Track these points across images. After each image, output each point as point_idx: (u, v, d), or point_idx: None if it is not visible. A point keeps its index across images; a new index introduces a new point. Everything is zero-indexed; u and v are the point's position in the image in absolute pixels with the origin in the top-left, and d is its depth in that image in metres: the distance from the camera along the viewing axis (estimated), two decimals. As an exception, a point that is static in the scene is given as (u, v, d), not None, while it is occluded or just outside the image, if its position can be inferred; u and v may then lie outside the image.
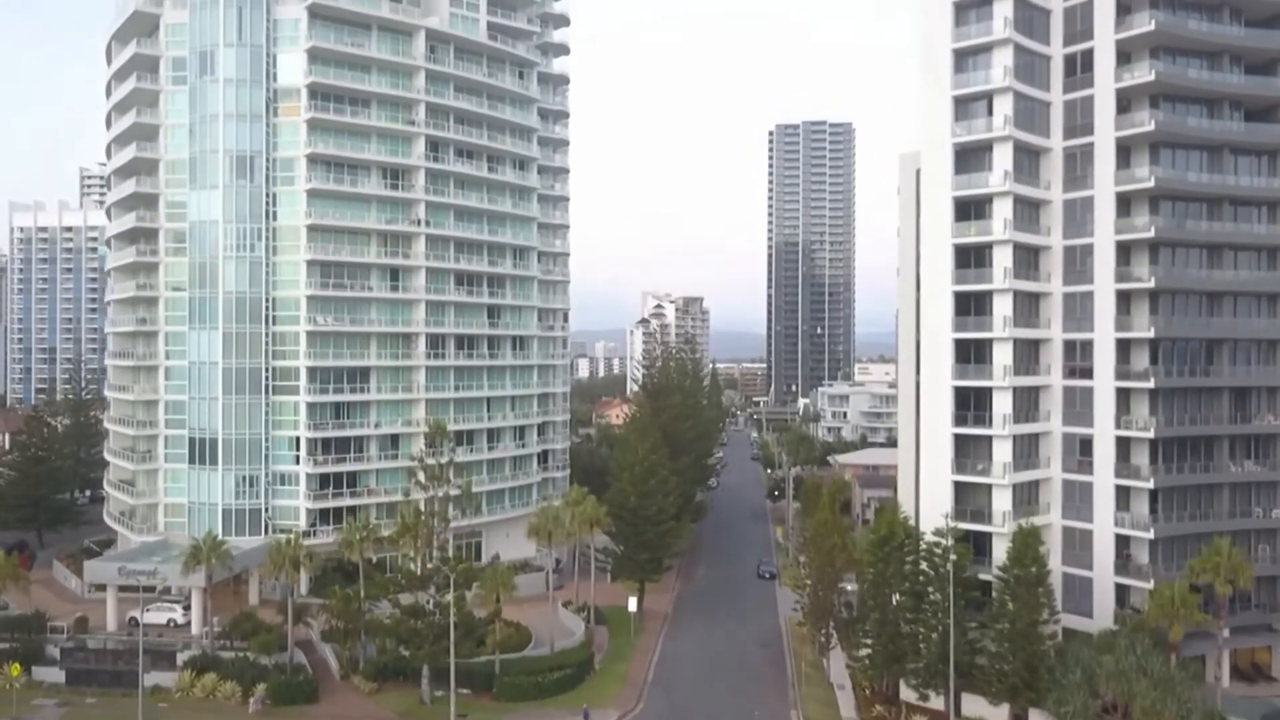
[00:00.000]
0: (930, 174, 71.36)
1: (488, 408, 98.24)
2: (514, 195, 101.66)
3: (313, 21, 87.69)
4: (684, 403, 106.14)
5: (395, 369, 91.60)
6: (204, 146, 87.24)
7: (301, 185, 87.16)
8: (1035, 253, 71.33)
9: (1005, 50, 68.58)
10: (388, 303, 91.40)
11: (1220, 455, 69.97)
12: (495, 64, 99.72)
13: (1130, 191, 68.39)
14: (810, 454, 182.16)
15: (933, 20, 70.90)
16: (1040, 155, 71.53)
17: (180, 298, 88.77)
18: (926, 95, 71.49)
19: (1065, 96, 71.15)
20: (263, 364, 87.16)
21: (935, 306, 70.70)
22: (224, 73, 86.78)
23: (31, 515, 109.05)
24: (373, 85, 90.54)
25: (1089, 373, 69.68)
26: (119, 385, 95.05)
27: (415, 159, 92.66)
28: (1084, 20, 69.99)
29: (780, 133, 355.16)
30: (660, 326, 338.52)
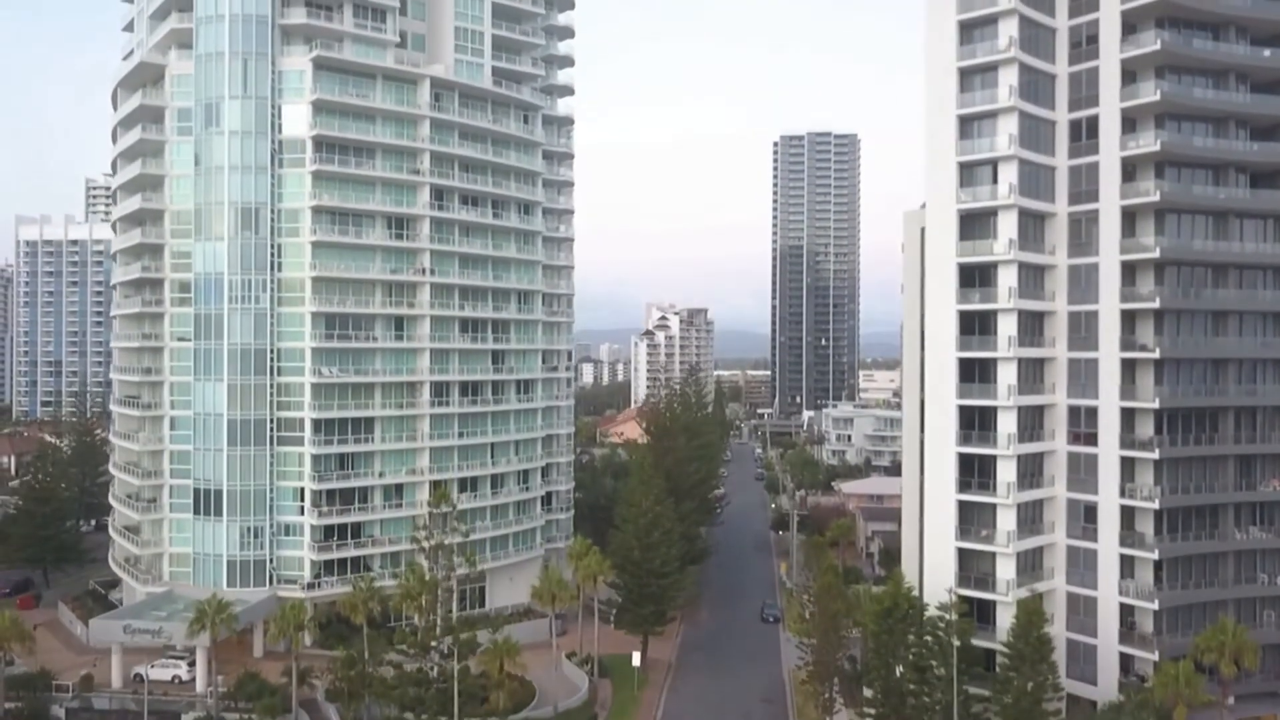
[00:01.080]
0: (935, 240, 71.33)
1: (492, 453, 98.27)
2: (518, 240, 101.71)
3: (317, 73, 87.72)
4: (688, 445, 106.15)
5: (399, 418, 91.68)
6: (209, 198, 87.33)
7: (306, 237, 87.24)
8: (1040, 318, 71.26)
9: (1010, 117, 68.59)
10: (392, 352, 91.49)
11: (1225, 523, 69.93)
12: (500, 109, 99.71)
13: (1136, 260, 68.30)
14: (814, 478, 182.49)
15: (937, 82, 70.85)
16: (1045, 220, 71.47)
17: (185, 348, 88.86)
18: (931, 159, 71.51)
19: (1071, 162, 71.14)
20: (267, 415, 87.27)
21: (940, 371, 70.67)
22: (229, 125, 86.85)
23: (37, 555, 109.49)
24: (378, 135, 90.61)
25: (1093, 439, 69.66)
26: (123, 433, 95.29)
27: (420, 208, 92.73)
28: (1089, 87, 69.98)
29: (785, 144, 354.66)
30: (665, 338, 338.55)
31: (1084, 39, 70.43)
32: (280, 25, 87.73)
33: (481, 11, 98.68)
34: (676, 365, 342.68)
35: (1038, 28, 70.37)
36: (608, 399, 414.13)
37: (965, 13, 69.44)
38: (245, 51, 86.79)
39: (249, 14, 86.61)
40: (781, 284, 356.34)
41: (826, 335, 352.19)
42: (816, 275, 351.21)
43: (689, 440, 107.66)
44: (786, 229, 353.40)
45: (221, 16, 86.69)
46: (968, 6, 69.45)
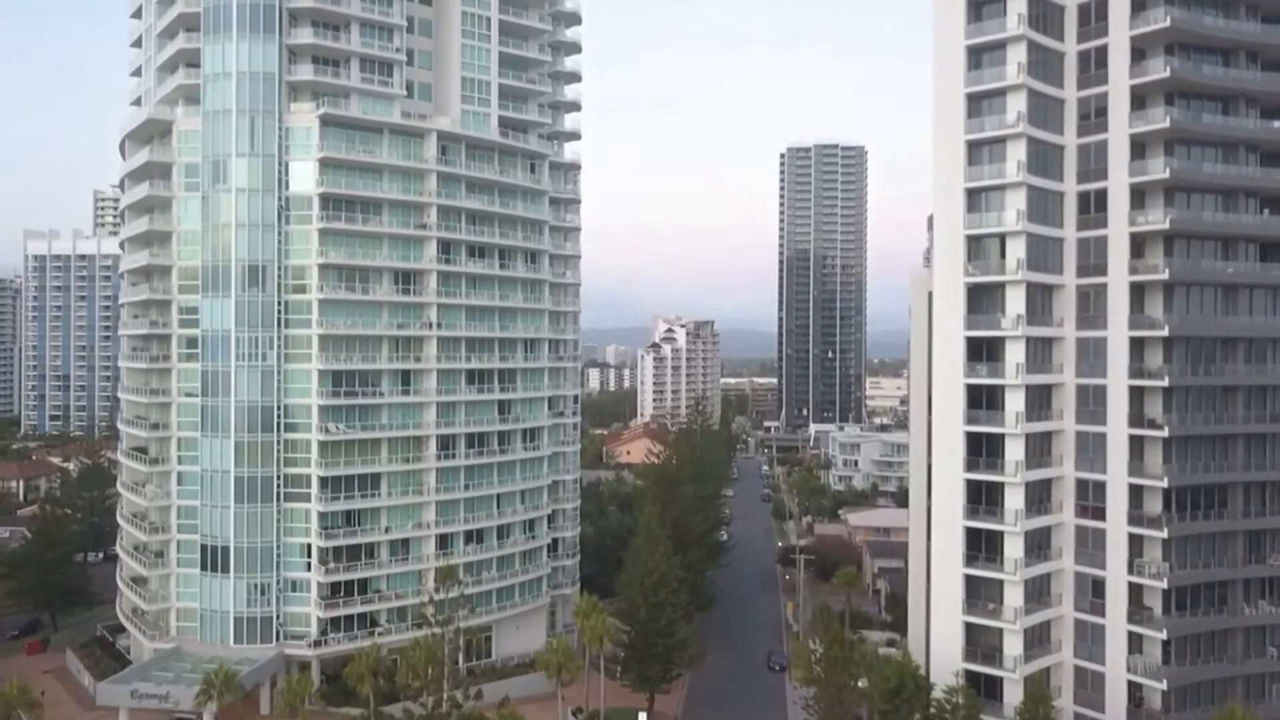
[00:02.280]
0: (942, 312, 71.10)
1: (498, 504, 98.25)
2: (525, 289, 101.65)
3: (324, 130, 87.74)
4: (694, 494, 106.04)
5: (406, 473, 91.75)
6: (216, 255, 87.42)
7: (314, 294, 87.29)
8: (1048, 390, 71.01)
9: (1019, 193, 68.31)
10: (399, 407, 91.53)
11: (1234, 598, 69.69)
12: (507, 158, 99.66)
13: (1145, 336, 68.06)
14: (820, 505, 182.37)
15: (945, 157, 70.59)
16: (1053, 292, 71.22)
17: (193, 404, 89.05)
18: (940, 233, 71.30)
19: (1079, 234, 70.87)
20: (274, 472, 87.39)
21: (947, 443, 70.46)
22: (236, 182, 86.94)
23: (45, 599, 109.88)
24: (384, 190, 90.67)
25: (1101, 514, 69.45)
26: (131, 484, 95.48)
27: (427, 262, 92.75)
28: (1098, 160, 69.75)
29: (791, 155, 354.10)
30: (672, 351, 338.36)
31: (1092, 111, 70.14)
32: (287, 81, 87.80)
33: (488, 62, 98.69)
34: (683, 378, 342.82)
35: (1045, 99, 70.02)
36: (614, 407, 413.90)
37: (973, 85, 69.25)
38: (253, 109, 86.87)
39: (256, 71, 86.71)
40: (788, 296, 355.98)
41: (833, 347, 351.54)
42: (823, 287, 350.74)
43: (695, 489, 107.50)
44: (793, 240, 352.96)
45: (229, 74, 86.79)
46: (975, 81, 69.19)
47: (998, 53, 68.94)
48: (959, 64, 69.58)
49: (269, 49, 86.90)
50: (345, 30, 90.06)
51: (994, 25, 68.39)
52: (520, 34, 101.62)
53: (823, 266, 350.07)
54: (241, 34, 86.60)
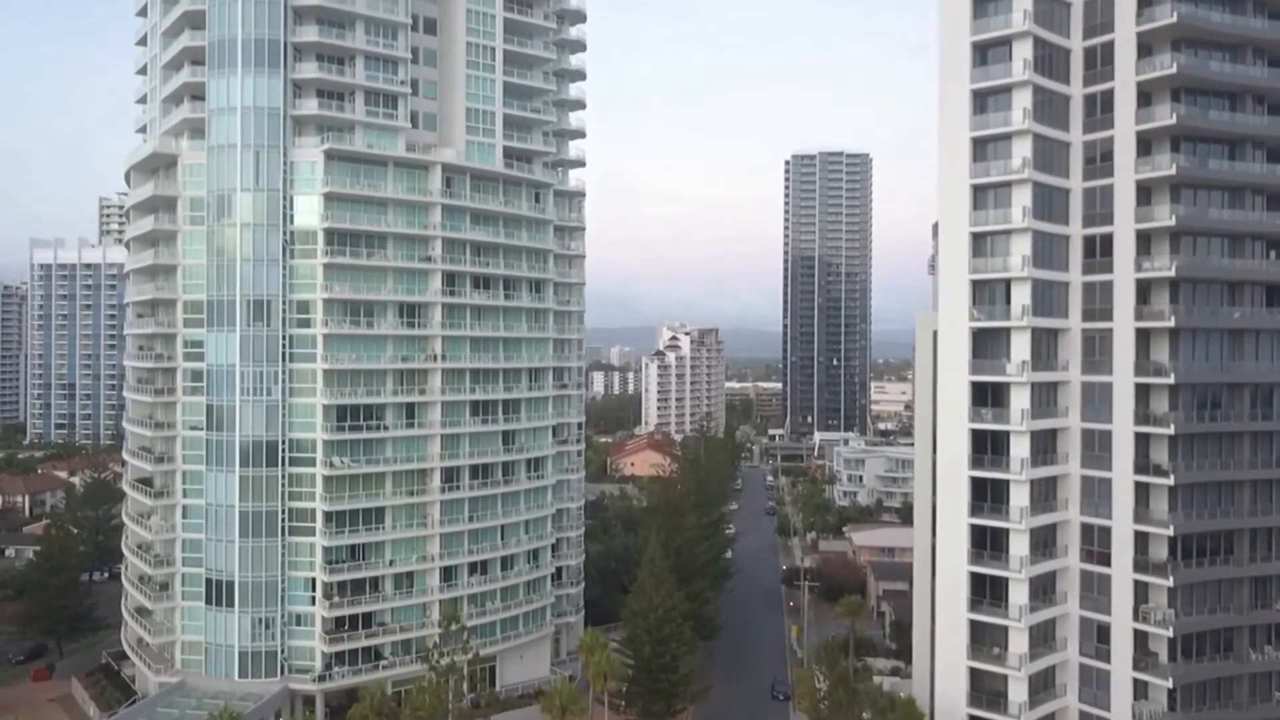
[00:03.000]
0: (948, 356, 70.98)
1: (502, 534, 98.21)
2: (529, 318, 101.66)
3: (329, 164, 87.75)
4: (698, 524, 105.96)
5: (410, 506, 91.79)
6: (221, 290, 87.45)
7: (319, 329, 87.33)
8: (1053, 435, 70.87)
9: (1024, 238, 68.14)
10: (403, 440, 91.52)
11: (1241, 644, 69.55)
12: (511, 188, 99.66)
13: (1151, 383, 67.90)
14: (825, 521, 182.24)
15: (950, 203, 70.45)
16: (1059, 336, 71.05)
17: (198, 437, 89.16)
18: (945, 277, 71.15)
19: (1085, 278, 70.68)
20: (279, 506, 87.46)
21: (952, 491, 70.34)
22: (241, 217, 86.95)
23: (51, 626, 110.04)
24: (389, 224, 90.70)
25: (1106, 559, 69.26)
26: (136, 515, 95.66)
27: (432, 295, 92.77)
28: (1104, 204, 69.58)
29: (796, 163, 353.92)
30: (676, 359, 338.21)
31: (1098, 155, 70.00)
32: (292, 116, 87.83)
33: (493, 92, 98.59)
34: (687, 386, 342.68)
35: (1051, 143, 69.87)
36: (618, 412, 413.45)
37: (979, 129, 69.07)
38: (257, 144, 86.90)
39: (261, 106, 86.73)
40: (793, 303, 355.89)
41: (838, 355, 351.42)
42: (828, 295, 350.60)
43: (700, 517, 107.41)
44: (798, 247, 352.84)
45: (234, 109, 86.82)
46: (981, 125, 69.07)
47: (1003, 97, 68.73)
48: (964, 111, 69.43)
49: (274, 84, 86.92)
50: (350, 63, 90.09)
51: (999, 70, 68.24)
52: (525, 63, 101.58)
53: (827, 274, 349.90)
54: (246, 69, 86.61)
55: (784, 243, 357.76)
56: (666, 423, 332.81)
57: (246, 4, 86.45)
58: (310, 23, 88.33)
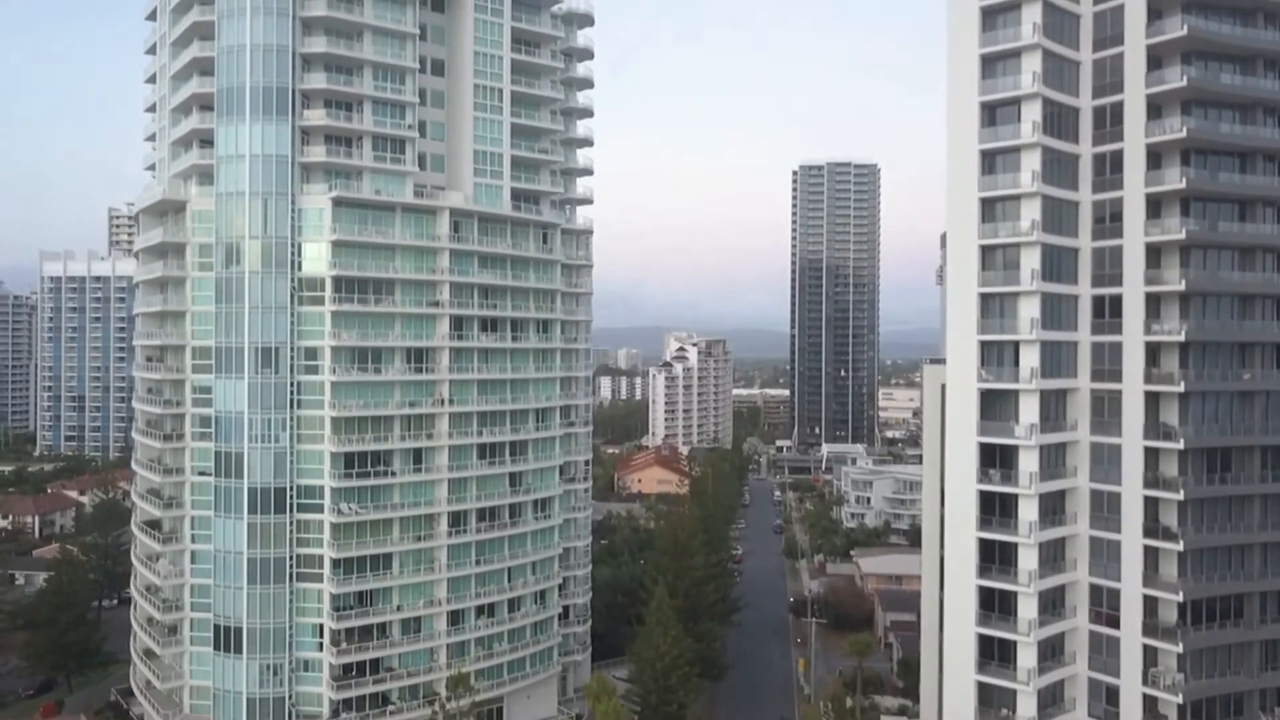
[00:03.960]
0: (955, 415, 70.77)
1: (509, 576, 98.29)
2: (536, 359, 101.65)
3: (337, 210, 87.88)
4: (706, 564, 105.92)
5: (417, 551, 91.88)
6: (230, 337, 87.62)
7: (326, 376, 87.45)
8: (1061, 496, 70.64)
9: (1033, 300, 67.87)
10: (410, 485, 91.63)
11: (1251, 708, 69.29)
12: (519, 229, 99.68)
13: (1159, 447, 67.61)
14: (833, 544, 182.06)
15: (958, 261, 70.29)
16: (1068, 395, 70.85)
17: (206, 483, 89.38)
18: (952, 338, 70.93)
19: (1094, 338, 70.42)
20: (286, 553, 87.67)
21: (959, 554, 70.16)
22: (249, 264, 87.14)
23: (60, 661, 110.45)
24: (397, 269, 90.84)
25: (1115, 621, 69.00)
26: (144, 558, 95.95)
27: (439, 339, 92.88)
28: (1113, 265, 69.25)
29: (804, 173, 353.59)
30: (684, 370, 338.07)
31: (1107, 215, 69.71)
32: (300, 162, 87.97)
33: (501, 134, 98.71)
34: (695, 397, 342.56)
35: (1060, 203, 69.63)
36: (626, 419, 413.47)
37: (987, 191, 68.91)
38: (265, 191, 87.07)
39: (269, 154, 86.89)
40: (800, 314, 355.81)
41: (846, 366, 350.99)
42: (836, 305, 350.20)
43: (708, 557, 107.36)
44: (806, 257, 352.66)
45: (242, 156, 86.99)
46: (989, 186, 68.90)
47: (1011, 157, 68.53)
48: (971, 168, 69.26)
49: (282, 131, 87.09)
50: (358, 109, 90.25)
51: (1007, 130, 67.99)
52: (532, 103, 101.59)
53: (835, 284, 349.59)
54: (255, 116, 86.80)
55: (791, 253, 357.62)
56: (674, 434, 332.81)
57: (255, 52, 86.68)
58: (318, 69, 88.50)
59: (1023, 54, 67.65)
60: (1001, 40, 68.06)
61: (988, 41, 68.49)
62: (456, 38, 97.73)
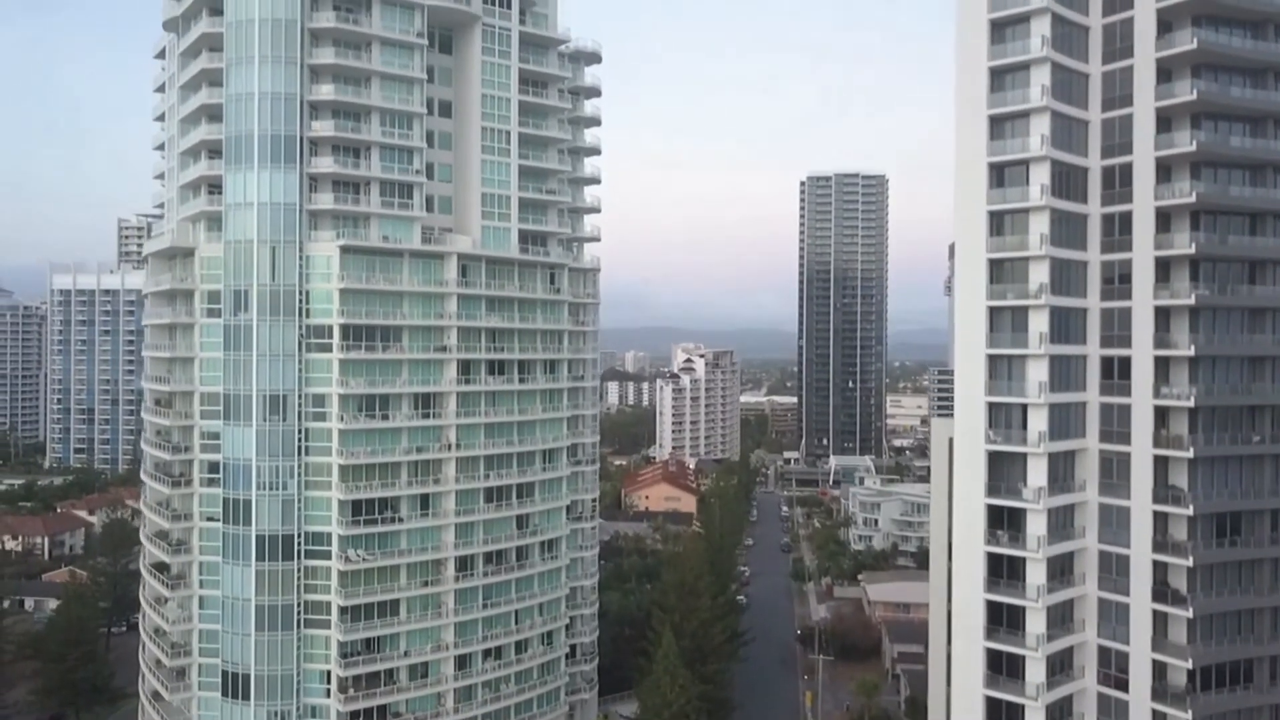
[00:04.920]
0: (963, 479, 70.62)
1: (516, 619, 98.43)
2: (544, 399, 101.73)
3: (345, 258, 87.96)
4: (713, 605, 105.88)
5: (425, 596, 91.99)
6: (238, 384, 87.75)
7: (334, 423, 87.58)
8: (1070, 557, 70.45)
9: (1040, 363, 67.69)
10: (418, 531, 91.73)
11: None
12: (527, 270, 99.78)
13: (1168, 511, 67.43)
14: (840, 567, 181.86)
15: (966, 325, 70.12)
16: (1076, 456, 70.60)
17: (214, 528, 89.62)
18: (962, 402, 70.78)
19: (1102, 399, 70.16)
20: (294, 600, 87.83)
21: (968, 614, 70.02)
22: (257, 312, 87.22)
23: (70, 698, 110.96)
24: (405, 315, 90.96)
25: (1124, 684, 68.81)
26: (153, 600, 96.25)
27: (446, 384, 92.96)
28: (1122, 326, 69.01)
29: (811, 184, 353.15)
30: (691, 381, 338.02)
31: (1116, 276, 69.50)
32: (308, 210, 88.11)
33: (508, 176, 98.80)
34: (702, 409, 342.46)
35: (1069, 264, 69.46)
36: (633, 427, 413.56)
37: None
38: (274, 239, 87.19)
39: (277, 202, 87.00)
40: (808, 324, 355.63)
41: (854, 377, 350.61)
42: (844, 316, 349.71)
43: (714, 598, 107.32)
44: (813, 268, 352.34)
45: (250, 204, 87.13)
46: (998, 247, 68.76)
47: (1020, 219, 68.37)
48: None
49: (290, 178, 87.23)
50: (365, 154, 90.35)
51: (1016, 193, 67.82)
52: (539, 144, 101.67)
53: (843, 295, 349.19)
54: (263, 164, 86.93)
55: (799, 264, 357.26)
56: (681, 446, 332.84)
57: (263, 100, 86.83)
58: (326, 116, 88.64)
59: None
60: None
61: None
62: (464, 80, 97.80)
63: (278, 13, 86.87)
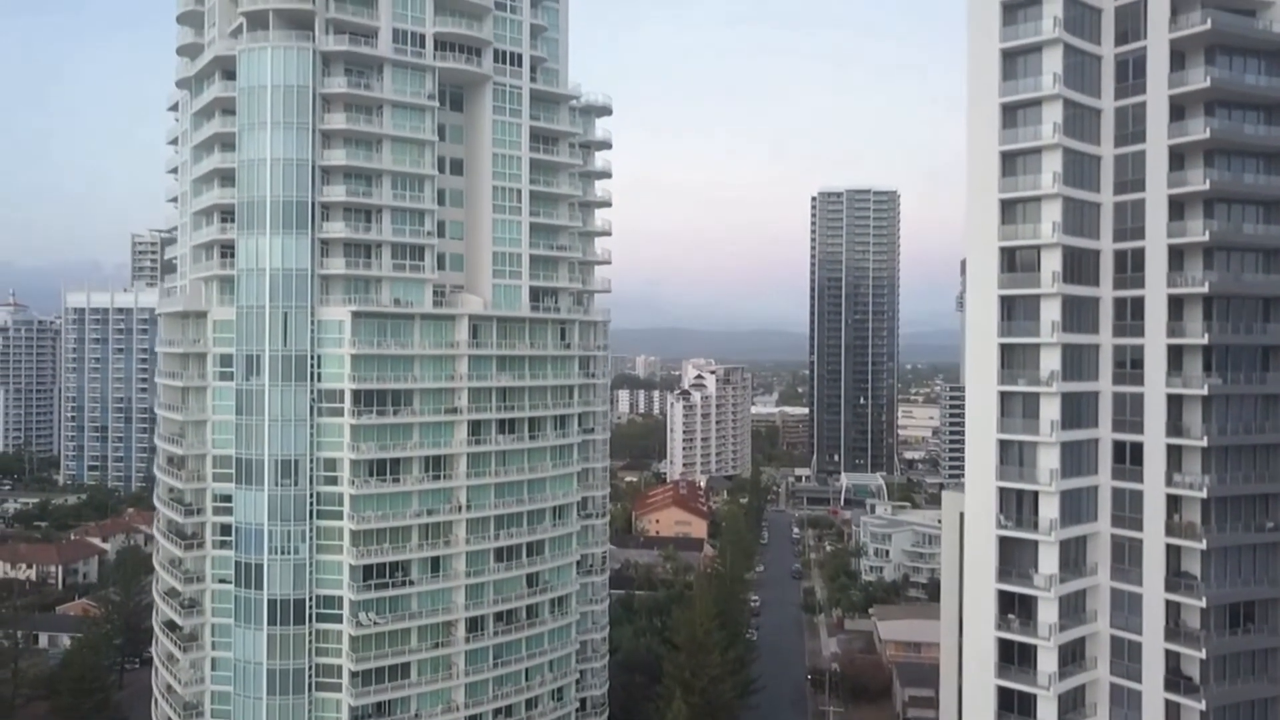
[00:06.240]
0: (974, 564, 70.47)
1: (526, 677, 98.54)
2: (554, 455, 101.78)
3: (356, 323, 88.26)
4: (722, 660, 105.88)
5: (435, 658, 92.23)
6: (250, 449, 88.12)
7: (346, 488, 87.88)
8: (1082, 643, 70.23)
9: (1052, 451, 67.50)
10: (428, 593, 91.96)
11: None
12: (537, 326, 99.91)
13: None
14: (850, 600, 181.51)
15: (977, 411, 70.00)
16: (1088, 541, 70.40)
17: (226, 590, 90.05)
18: (971, 483, 70.66)
19: (1114, 483, 69.98)
20: (306, 664, 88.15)
21: (978, 703, 69.88)
22: (269, 378, 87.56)
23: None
24: (416, 377, 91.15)
25: None
26: (164, 659, 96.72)
27: (457, 445, 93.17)
28: (1134, 411, 68.78)
29: (823, 200, 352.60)
30: (702, 398, 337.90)
31: (1127, 360, 69.25)
32: (320, 274, 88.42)
33: (519, 234, 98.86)
34: (713, 425, 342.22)
35: (1081, 350, 69.24)
36: (643, 439, 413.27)
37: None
38: (286, 305, 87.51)
39: (289, 268, 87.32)
40: (819, 339, 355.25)
41: (865, 393, 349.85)
42: (855, 333, 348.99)
43: (724, 653, 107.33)
44: (824, 283, 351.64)
45: (263, 270, 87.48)
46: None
47: (1032, 304, 68.18)
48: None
49: (301, 244, 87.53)
50: (377, 218, 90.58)
51: (1027, 280, 67.81)
52: (550, 200, 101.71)
53: (854, 312, 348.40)
54: (275, 229, 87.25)
55: (810, 279, 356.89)
56: (692, 462, 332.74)
57: (275, 166, 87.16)
58: (338, 181, 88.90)
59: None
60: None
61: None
62: (475, 139, 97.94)
63: (290, 79, 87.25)
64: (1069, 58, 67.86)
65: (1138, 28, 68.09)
